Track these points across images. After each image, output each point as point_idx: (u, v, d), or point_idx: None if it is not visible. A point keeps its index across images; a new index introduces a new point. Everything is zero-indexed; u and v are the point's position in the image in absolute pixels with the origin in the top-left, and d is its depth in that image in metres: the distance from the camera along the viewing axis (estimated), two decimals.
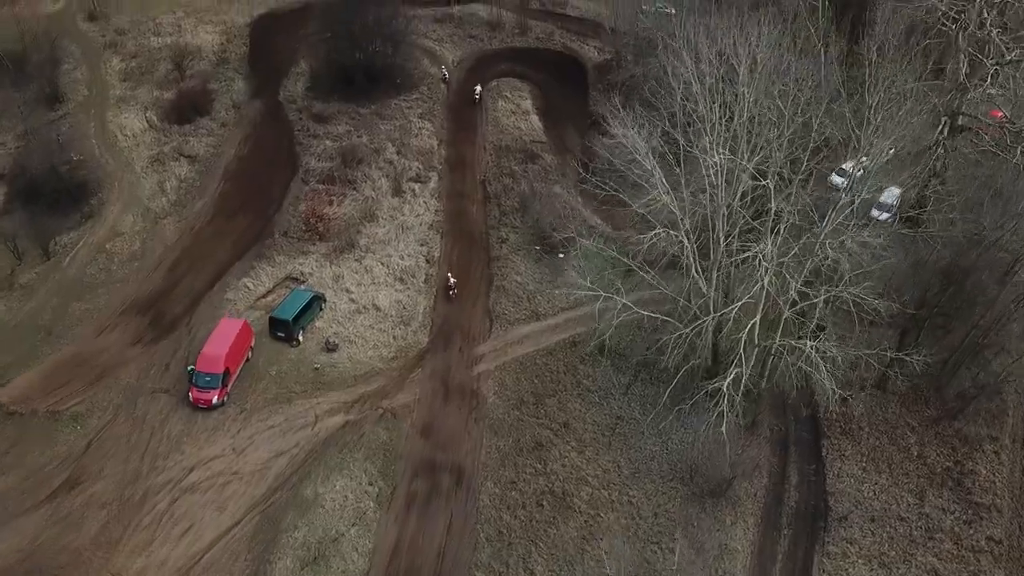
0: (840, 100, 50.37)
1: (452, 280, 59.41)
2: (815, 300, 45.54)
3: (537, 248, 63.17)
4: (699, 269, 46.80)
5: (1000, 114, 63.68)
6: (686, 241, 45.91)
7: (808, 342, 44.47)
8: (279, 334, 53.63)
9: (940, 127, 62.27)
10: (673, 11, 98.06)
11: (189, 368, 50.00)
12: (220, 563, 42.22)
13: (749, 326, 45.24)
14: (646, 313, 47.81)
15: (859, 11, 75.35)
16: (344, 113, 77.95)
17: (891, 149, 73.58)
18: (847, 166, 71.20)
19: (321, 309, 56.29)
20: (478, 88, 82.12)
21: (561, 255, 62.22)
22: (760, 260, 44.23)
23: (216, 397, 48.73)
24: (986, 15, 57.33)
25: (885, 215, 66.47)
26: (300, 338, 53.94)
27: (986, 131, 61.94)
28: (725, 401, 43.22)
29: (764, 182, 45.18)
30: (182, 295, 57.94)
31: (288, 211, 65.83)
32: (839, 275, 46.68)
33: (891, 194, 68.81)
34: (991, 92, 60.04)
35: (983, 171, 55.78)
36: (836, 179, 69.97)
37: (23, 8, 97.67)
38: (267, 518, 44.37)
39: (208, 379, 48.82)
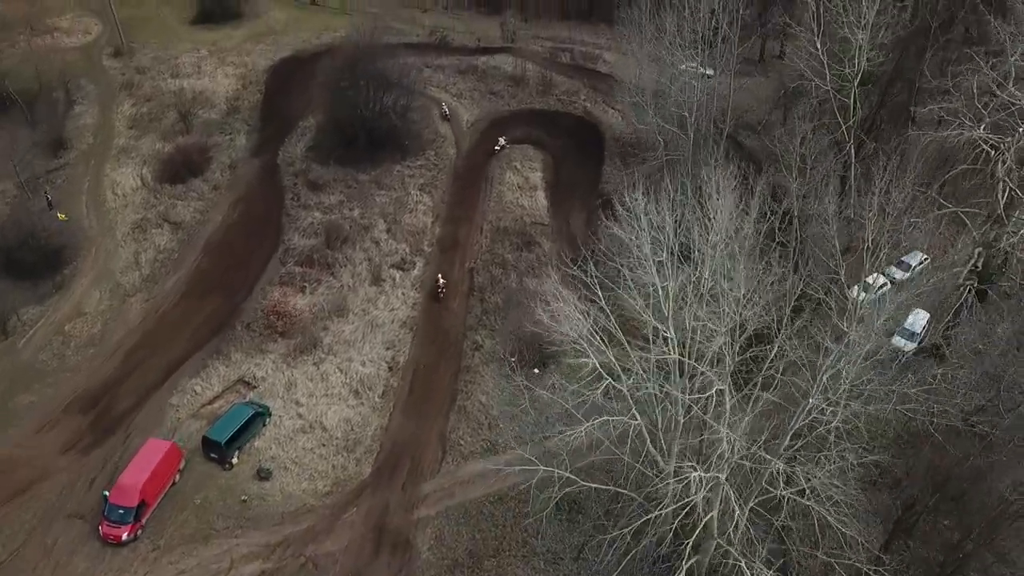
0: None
1: (442, 282, 61.82)
2: (781, 494, 38.05)
3: (512, 360, 56.77)
4: (657, 445, 39.85)
5: None
6: (639, 420, 38.93)
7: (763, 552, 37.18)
8: (212, 455, 48.79)
9: (973, 259, 53.46)
10: (711, 73, 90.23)
11: (104, 493, 45.60)
12: None
13: (707, 519, 38.23)
14: (594, 486, 41.06)
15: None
16: (341, 181, 72.65)
17: (925, 259, 65.15)
18: (870, 279, 63.28)
19: (264, 424, 51.22)
20: (502, 140, 77.64)
21: (536, 371, 55.80)
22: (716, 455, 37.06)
23: (127, 533, 44.14)
24: None
25: (909, 344, 57.97)
26: (235, 460, 48.97)
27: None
28: None
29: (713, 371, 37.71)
30: (131, 391, 53.61)
31: (258, 297, 60.90)
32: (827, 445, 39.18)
33: (918, 319, 60.12)
34: None
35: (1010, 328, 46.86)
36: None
37: (53, 40, 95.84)
38: None
39: (121, 512, 44.27)
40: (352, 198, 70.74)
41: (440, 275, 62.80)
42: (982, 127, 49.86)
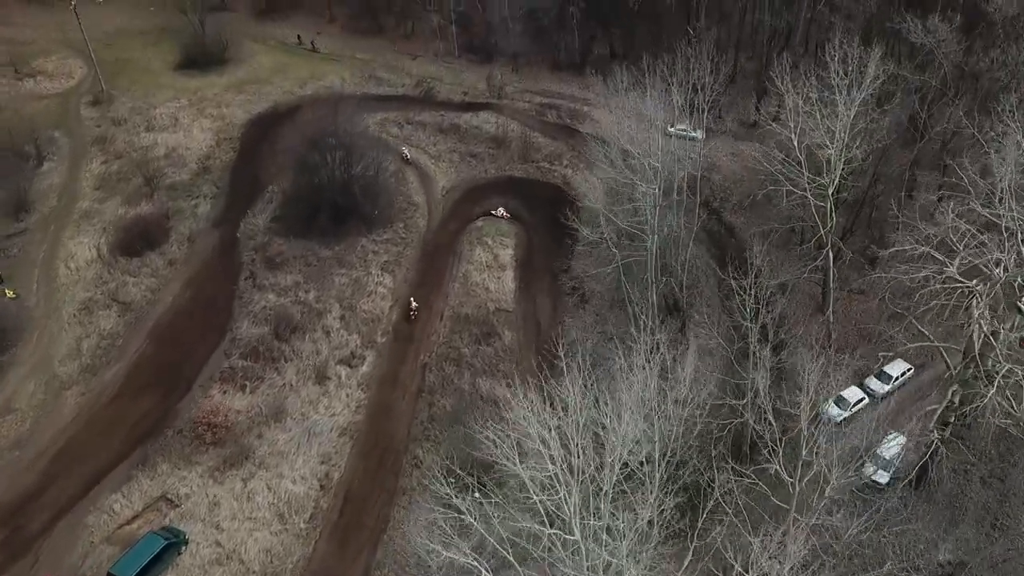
0: None
1: (414, 305, 63.62)
2: None
3: (451, 481, 52.23)
4: None
5: None
6: None
7: None
8: None
9: (948, 396, 48.01)
10: (701, 136, 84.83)
11: None
12: None
13: None
14: None
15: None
16: (301, 257, 68.54)
17: (908, 369, 59.33)
18: (847, 393, 57.97)
19: (179, 554, 47.39)
20: (502, 210, 73.83)
21: (477, 495, 51.25)
22: None
23: None
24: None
25: (883, 475, 52.75)
26: None
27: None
28: None
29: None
30: (48, 506, 49.98)
31: (196, 395, 57.08)
32: None
33: (893, 445, 54.68)
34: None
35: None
36: (834, 411, 56.67)
37: (35, 85, 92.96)
38: None
39: None
40: (310, 278, 66.66)
41: (412, 298, 64.75)
42: (955, 264, 44.47)
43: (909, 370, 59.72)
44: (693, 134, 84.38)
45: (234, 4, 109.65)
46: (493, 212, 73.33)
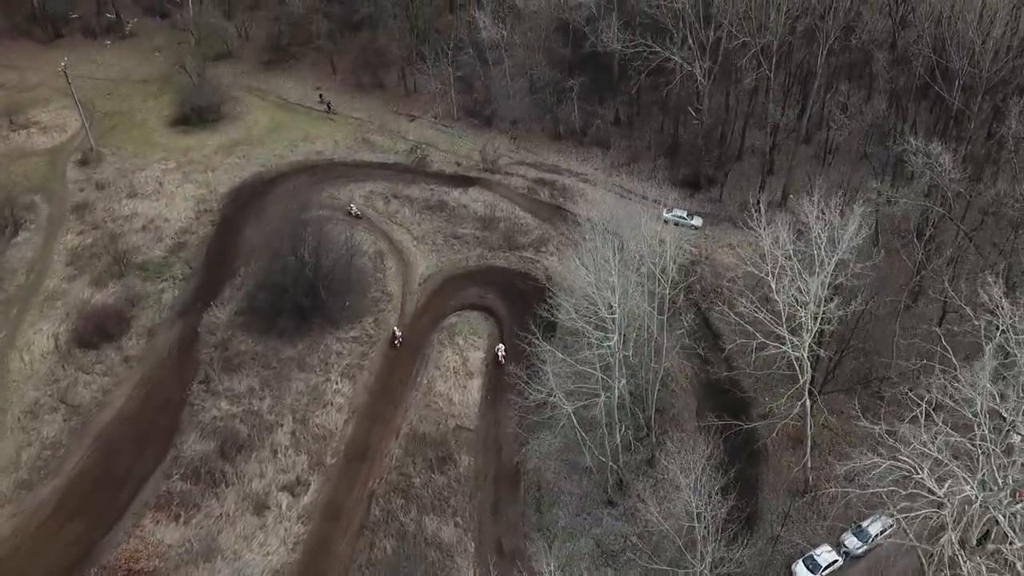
0: None
1: (399, 335, 64.43)
2: None
3: None
4: None
5: None
6: None
7: None
8: None
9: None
10: (698, 223, 78.72)
11: None
12: None
13: None
14: None
15: None
16: (261, 358, 64.28)
17: (890, 525, 52.75)
18: (819, 553, 52.03)
19: None
20: (502, 348, 64.80)
21: None
22: None
23: None
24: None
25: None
26: None
27: None
28: None
29: None
30: None
31: (128, 522, 53.25)
32: None
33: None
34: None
35: None
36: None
37: (28, 138, 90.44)
38: None
39: None
40: (267, 383, 62.40)
41: (396, 329, 65.35)
42: (927, 469, 38.21)
43: (891, 525, 53.34)
44: (691, 221, 78.55)
45: (240, 51, 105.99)
46: (496, 352, 65.09)
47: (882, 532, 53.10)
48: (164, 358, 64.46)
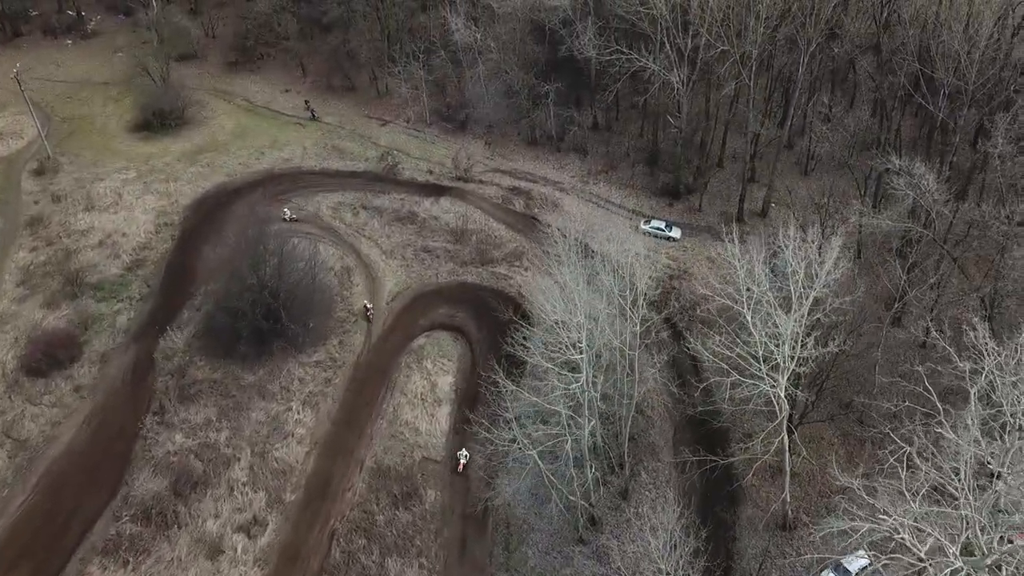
0: None
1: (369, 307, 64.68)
2: None
3: None
4: None
5: None
6: None
7: None
8: None
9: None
10: (677, 235, 75.76)
11: None
12: None
13: None
14: None
15: None
16: (219, 385, 60.98)
17: (869, 565, 50.44)
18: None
19: None
20: (463, 456, 56.32)
21: None
22: None
23: None
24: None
25: None
26: None
27: None
28: None
29: None
30: None
31: (74, 569, 50.03)
32: None
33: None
34: None
35: None
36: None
37: None
38: None
39: None
40: (225, 413, 59.16)
41: (366, 302, 65.88)
42: (907, 530, 35.62)
43: (870, 565, 50.98)
44: (669, 233, 75.59)
45: (205, 52, 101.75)
46: (459, 457, 56.43)
47: (861, 571, 50.78)
48: (117, 387, 61.11)
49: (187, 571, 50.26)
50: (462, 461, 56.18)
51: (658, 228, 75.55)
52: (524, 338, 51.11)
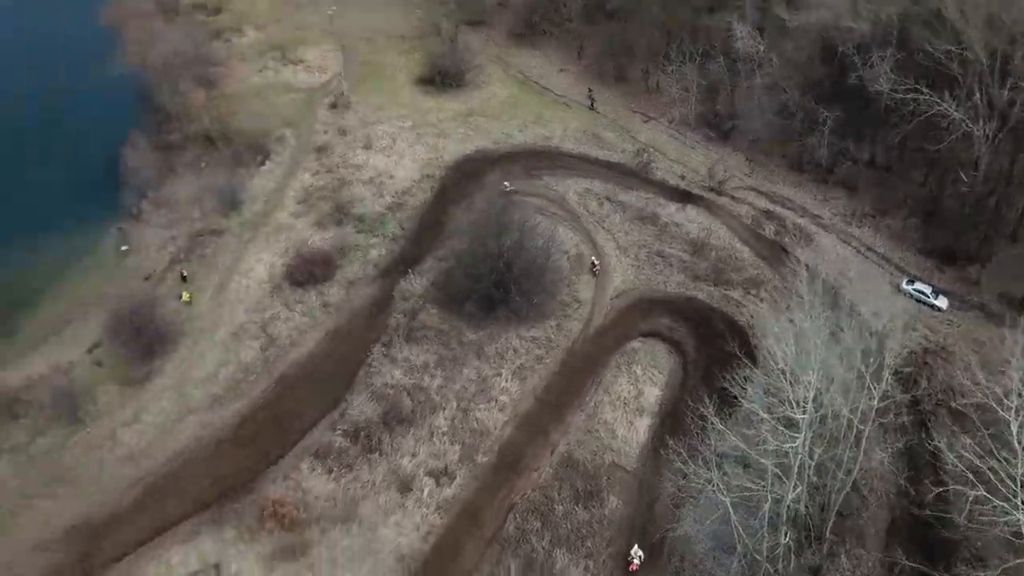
0: None
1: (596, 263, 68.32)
2: None
3: None
4: None
5: None
6: None
7: None
8: None
9: None
10: (943, 305, 67.87)
11: None
12: None
13: None
14: None
15: None
16: (443, 335, 64.23)
17: None
18: None
19: None
20: (637, 553, 51.26)
21: None
22: None
23: None
24: None
25: None
26: None
27: None
28: None
29: None
30: (123, 538, 51.01)
31: (288, 463, 55.71)
32: None
33: None
34: None
35: None
36: None
37: (292, 75, 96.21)
38: None
39: None
40: (442, 363, 62.34)
41: (594, 258, 69.83)
42: None
43: None
44: (934, 301, 67.87)
45: (493, 20, 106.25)
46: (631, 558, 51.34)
47: None
48: (357, 313, 66.44)
49: (378, 496, 53.90)
50: (635, 561, 50.67)
51: (922, 292, 68.19)
52: (744, 378, 48.40)
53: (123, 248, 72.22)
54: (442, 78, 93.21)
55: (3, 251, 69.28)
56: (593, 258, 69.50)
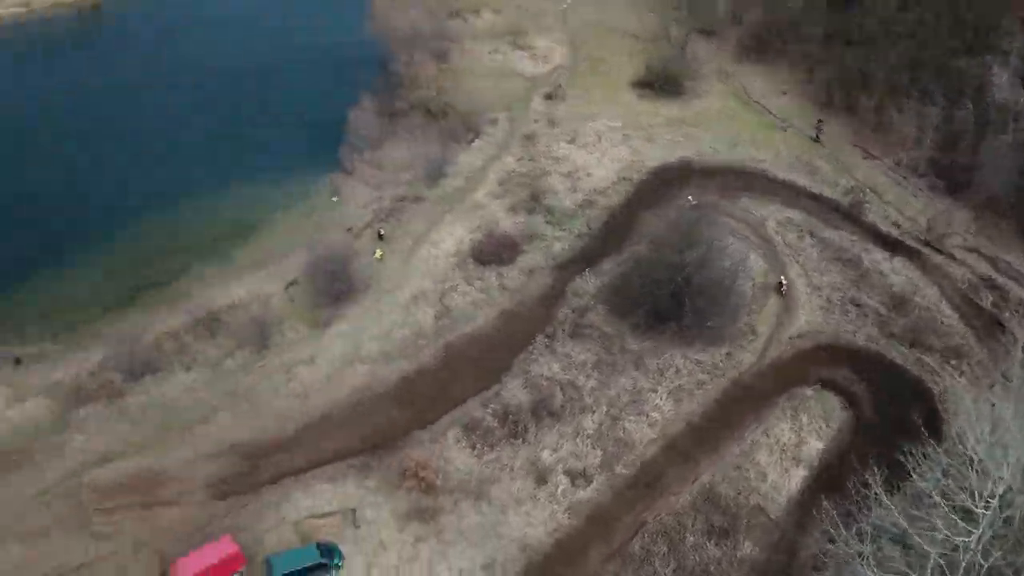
0: None
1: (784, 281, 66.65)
2: None
3: None
4: None
5: None
6: None
7: None
8: None
9: None
10: None
11: None
12: None
13: None
14: None
15: None
16: (606, 338, 63.80)
17: None
18: None
19: (329, 573, 49.40)
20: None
21: None
22: None
23: None
24: None
25: None
26: None
27: None
28: None
29: None
30: (276, 462, 55.35)
31: (435, 430, 57.77)
32: None
33: None
34: None
35: None
36: None
37: (518, 60, 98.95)
38: None
39: None
40: (599, 366, 61.90)
41: (783, 278, 67.89)
42: None
43: None
44: None
45: (724, 31, 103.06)
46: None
47: None
48: (530, 300, 67.48)
49: (514, 482, 54.56)
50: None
51: None
52: (924, 455, 43.67)
53: (334, 199, 78.20)
54: (662, 83, 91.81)
55: (233, 186, 77.65)
56: (782, 278, 67.28)
